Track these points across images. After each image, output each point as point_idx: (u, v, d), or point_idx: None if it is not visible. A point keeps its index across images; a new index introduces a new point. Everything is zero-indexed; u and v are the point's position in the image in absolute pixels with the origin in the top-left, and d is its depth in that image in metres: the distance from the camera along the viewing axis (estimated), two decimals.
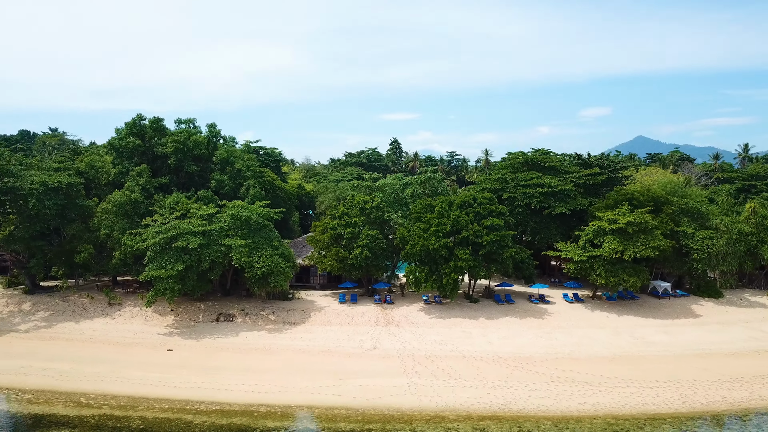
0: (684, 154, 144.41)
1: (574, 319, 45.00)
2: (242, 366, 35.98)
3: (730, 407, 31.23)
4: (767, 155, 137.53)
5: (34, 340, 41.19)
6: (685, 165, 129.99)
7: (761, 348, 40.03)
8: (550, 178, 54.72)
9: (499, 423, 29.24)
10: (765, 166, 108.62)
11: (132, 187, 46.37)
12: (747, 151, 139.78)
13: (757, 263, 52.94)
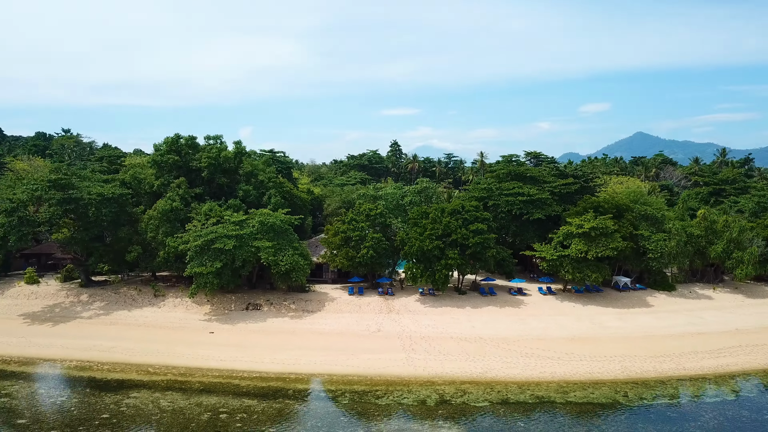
0: (667, 158, 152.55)
1: (545, 308, 53.64)
2: (272, 345, 44.57)
3: (658, 375, 39.84)
4: (743, 159, 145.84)
5: (97, 324, 49.77)
6: (667, 168, 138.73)
7: (696, 331, 48.66)
8: (530, 188, 63.20)
9: (477, 386, 37.80)
10: (735, 171, 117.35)
11: (173, 197, 54.83)
12: (724, 156, 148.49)
13: (705, 261, 61.51)
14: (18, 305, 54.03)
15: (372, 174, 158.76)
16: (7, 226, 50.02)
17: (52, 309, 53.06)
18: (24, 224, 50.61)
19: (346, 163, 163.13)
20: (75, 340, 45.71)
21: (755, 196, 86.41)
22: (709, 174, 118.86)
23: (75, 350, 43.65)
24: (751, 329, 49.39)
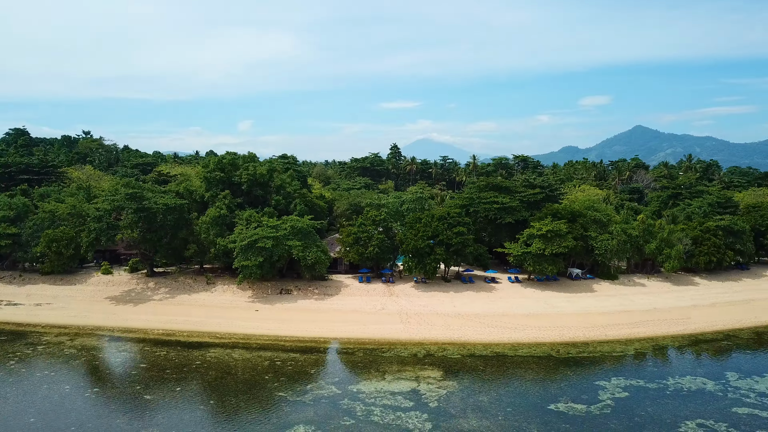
0: (641, 162, 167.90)
1: (511, 293, 68.92)
2: (303, 319, 59.77)
3: (585, 339, 55.07)
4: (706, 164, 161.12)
5: (167, 305, 64.99)
6: (639, 172, 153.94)
7: (623, 310, 63.95)
8: (503, 197, 78.27)
9: (453, 346, 53.02)
10: (692, 176, 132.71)
11: (220, 206, 69.89)
12: (690, 161, 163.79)
13: (643, 256, 76.75)
14: (101, 291, 69.36)
15: (374, 175, 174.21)
16: (98, 229, 65.23)
17: (128, 293, 68.34)
18: (110, 228, 65.82)
19: (350, 165, 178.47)
20: (155, 316, 60.99)
21: (707, 199, 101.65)
22: (669, 179, 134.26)
23: (158, 323, 58.91)
24: (665, 308, 64.74)
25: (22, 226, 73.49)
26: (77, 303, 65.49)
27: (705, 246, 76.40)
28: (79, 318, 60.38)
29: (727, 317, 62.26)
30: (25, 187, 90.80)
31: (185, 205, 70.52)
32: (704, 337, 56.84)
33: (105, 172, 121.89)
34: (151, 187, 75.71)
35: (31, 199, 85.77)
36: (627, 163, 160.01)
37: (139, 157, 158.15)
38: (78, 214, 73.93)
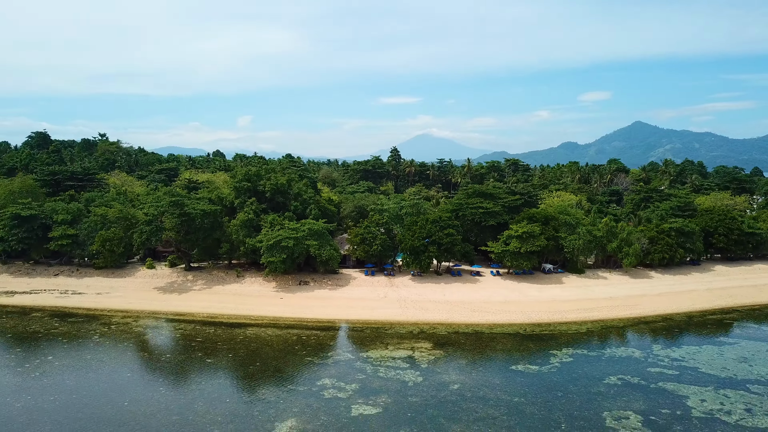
0: (621, 165, 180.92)
1: (492, 284, 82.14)
2: (320, 305, 72.92)
3: (548, 321, 68.27)
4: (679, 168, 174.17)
5: (206, 294, 78.17)
6: (620, 175, 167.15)
7: (584, 298, 77.09)
8: (488, 203, 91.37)
9: (442, 325, 66.23)
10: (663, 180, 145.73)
11: (248, 211, 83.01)
12: (667, 165, 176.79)
13: (606, 253, 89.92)
14: (148, 282, 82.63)
15: (375, 177, 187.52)
16: (149, 231, 78.43)
17: (171, 285, 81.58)
18: (158, 230, 79.03)
19: (353, 168, 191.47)
20: (197, 303, 74.22)
21: (671, 202, 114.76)
22: (645, 182, 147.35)
23: (201, 308, 72.12)
24: (619, 297, 77.93)
25: (78, 228, 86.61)
26: (130, 292, 78.75)
27: (660, 245, 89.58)
28: (136, 304, 73.63)
29: (668, 304, 75.50)
30: (73, 192, 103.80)
31: (218, 210, 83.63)
32: (645, 319, 70.08)
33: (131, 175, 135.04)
34: (187, 194, 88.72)
35: (79, 203, 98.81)
36: (608, 167, 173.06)
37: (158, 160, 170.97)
38: (125, 217, 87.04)
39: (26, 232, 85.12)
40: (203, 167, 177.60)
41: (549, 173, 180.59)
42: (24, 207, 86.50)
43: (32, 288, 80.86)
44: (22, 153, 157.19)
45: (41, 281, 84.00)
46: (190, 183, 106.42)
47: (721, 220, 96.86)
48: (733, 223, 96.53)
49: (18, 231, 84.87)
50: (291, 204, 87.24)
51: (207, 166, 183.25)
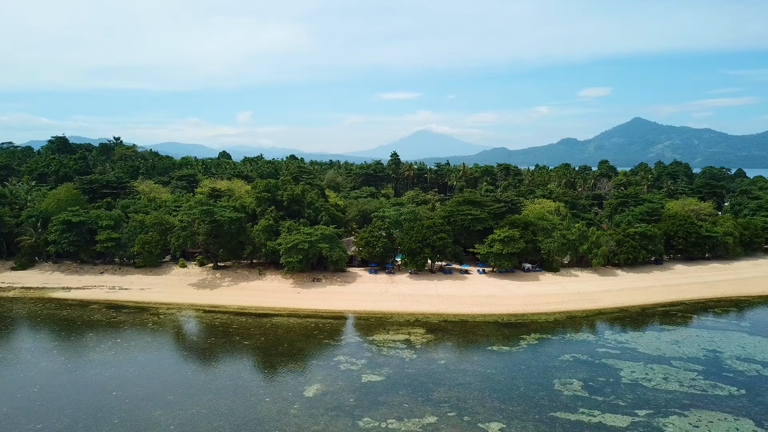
0: (605, 171, 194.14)
1: (478, 281, 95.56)
2: (331, 298, 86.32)
3: (523, 311, 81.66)
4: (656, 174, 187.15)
5: (233, 289, 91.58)
6: (602, 181, 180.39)
7: (556, 293, 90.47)
8: (475, 210, 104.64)
9: (434, 315, 79.65)
10: (636, 188, 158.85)
11: (268, 218, 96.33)
12: (644, 170, 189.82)
13: (578, 254, 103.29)
14: (183, 279, 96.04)
15: (376, 180, 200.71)
16: (184, 236, 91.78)
17: (203, 281, 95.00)
18: (192, 234, 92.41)
19: (356, 171, 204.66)
20: (227, 297, 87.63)
21: (644, 207, 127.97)
22: (625, 187, 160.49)
23: (231, 301, 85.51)
24: (587, 292, 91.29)
25: (120, 232, 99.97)
26: (168, 288, 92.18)
27: (625, 247, 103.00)
28: (176, 298, 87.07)
29: (626, 298, 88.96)
30: (110, 200, 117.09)
31: (243, 217, 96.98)
32: (605, 311, 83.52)
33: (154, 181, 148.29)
34: (213, 202, 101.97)
35: (116, 208, 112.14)
36: (592, 173, 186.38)
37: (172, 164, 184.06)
38: (160, 222, 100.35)
39: (76, 236, 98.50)
40: (217, 173, 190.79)
41: (538, 177, 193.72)
42: (73, 214, 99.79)
43: (83, 284, 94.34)
44: (50, 159, 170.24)
45: (90, 278, 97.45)
46: (213, 191, 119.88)
47: (681, 225, 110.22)
48: (692, 227, 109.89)
49: (69, 235, 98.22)
50: (305, 211, 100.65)
51: (220, 170, 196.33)
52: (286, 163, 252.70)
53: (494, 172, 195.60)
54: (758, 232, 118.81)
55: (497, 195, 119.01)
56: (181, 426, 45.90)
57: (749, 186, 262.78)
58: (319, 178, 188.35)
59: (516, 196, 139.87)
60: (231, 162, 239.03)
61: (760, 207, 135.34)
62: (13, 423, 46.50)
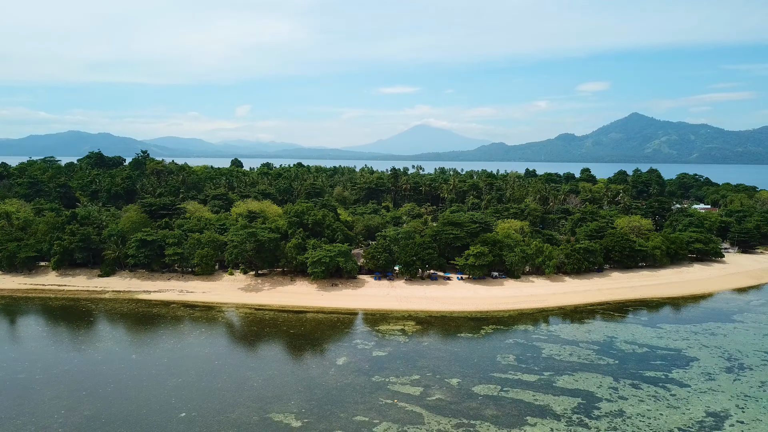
0: (575, 187, 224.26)
1: (457, 286, 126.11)
2: (347, 299, 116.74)
3: (487, 309, 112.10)
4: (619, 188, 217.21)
5: (273, 292, 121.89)
6: (571, 197, 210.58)
7: (514, 295, 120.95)
8: (456, 230, 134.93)
9: (422, 312, 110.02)
10: (591, 206, 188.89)
11: (298, 238, 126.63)
12: (608, 189, 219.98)
13: (535, 264, 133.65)
14: (233, 285, 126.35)
15: (377, 193, 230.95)
16: (236, 252, 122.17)
17: (248, 286, 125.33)
18: (242, 251, 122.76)
19: (360, 185, 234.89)
20: (269, 298, 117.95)
21: (598, 223, 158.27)
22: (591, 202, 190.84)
23: (273, 301, 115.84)
24: (537, 294, 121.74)
25: (182, 247, 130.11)
26: (223, 291, 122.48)
27: (572, 259, 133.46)
28: (232, 299, 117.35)
29: (566, 299, 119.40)
30: (167, 220, 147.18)
31: (278, 237, 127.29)
32: (547, 309, 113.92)
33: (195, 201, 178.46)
34: (249, 223, 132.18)
35: (172, 228, 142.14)
36: (563, 189, 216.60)
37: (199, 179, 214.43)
38: (212, 240, 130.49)
39: (149, 251, 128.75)
40: (238, 186, 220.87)
41: (518, 191, 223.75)
42: (147, 234, 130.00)
43: (158, 288, 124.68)
44: (103, 179, 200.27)
45: (161, 284, 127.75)
46: (250, 213, 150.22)
47: (618, 241, 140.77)
48: (626, 243, 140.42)
49: (144, 250, 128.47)
50: (325, 231, 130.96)
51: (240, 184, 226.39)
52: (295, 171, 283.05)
53: (480, 187, 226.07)
54: (683, 245, 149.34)
55: (474, 216, 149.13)
56: (265, 381, 76.33)
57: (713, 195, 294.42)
58: (328, 192, 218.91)
59: (493, 213, 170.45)
60: (249, 174, 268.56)
61: (690, 223, 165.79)
62: (159, 379, 76.82)
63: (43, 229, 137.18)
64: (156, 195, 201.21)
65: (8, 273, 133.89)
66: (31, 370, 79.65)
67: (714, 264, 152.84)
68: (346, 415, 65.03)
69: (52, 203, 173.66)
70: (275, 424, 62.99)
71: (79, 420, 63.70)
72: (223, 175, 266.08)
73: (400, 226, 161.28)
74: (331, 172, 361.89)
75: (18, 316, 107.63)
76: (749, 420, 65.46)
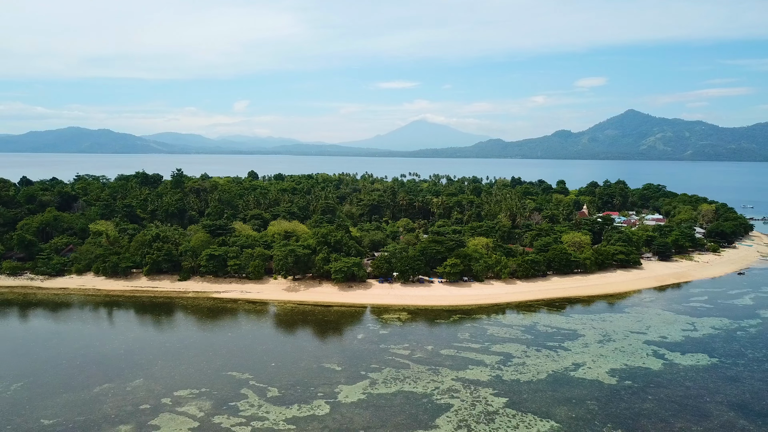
0: (538, 206, 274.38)
1: (437, 287, 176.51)
2: (359, 297, 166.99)
3: (457, 304, 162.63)
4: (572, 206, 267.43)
5: (307, 292, 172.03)
6: (534, 214, 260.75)
7: (476, 294, 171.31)
8: (438, 246, 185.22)
9: (412, 306, 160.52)
10: (546, 224, 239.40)
11: (324, 253, 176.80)
12: (567, 206, 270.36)
13: (495, 271, 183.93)
14: (278, 287, 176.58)
15: (379, 209, 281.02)
16: (282, 264, 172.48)
17: (289, 288, 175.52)
18: (286, 263, 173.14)
19: (365, 203, 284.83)
20: (306, 296, 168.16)
21: (544, 240, 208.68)
22: (551, 220, 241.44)
23: (309, 299, 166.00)
24: (494, 293, 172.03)
25: (240, 259, 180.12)
26: (272, 292, 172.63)
27: (522, 267, 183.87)
28: (279, 297, 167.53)
29: (513, 297, 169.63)
30: (224, 238, 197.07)
31: (309, 252, 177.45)
32: (499, 304, 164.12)
33: (240, 221, 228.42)
34: (291, 244, 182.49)
35: (229, 244, 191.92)
36: (529, 208, 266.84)
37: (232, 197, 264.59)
38: (262, 254, 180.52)
39: (216, 262, 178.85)
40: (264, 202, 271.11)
41: (494, 207, 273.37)
42: (214, 250, 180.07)
43: (224, 290, 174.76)
44: (161, 200, 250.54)
45: (224, 286, 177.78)
46: (285, 233, 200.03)
47: (557, 254, 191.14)
48: (564, 255, 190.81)
49: (212, 261, 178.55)
50: (343, 248, 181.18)
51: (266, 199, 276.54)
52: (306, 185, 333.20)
53: (463, 204, 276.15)
54: (609, 256, 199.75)
55: (452, 236, 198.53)
56: (316, 347, 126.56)
57: (666, 206, 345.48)
58: (339, 208, 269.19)
59: (470, 230, 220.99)
60: (270, 190, 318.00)
61: (619, 239, 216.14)
62: (251, 346, 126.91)
63: (134, 245, 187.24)
64: (201, 212, 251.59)
65: (111, 278, 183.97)
66: (184, 340, 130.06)
67: (633, 270, 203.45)
68: (366, 365, 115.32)
69: (124, 222, 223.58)
70: (327, 368, 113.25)
71: (215, 368, 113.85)
72: (246, 189, 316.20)
73: (397, 239, 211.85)
74: (336, 182, 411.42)
75: (136, 310, 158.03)
76: (595, 367, 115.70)
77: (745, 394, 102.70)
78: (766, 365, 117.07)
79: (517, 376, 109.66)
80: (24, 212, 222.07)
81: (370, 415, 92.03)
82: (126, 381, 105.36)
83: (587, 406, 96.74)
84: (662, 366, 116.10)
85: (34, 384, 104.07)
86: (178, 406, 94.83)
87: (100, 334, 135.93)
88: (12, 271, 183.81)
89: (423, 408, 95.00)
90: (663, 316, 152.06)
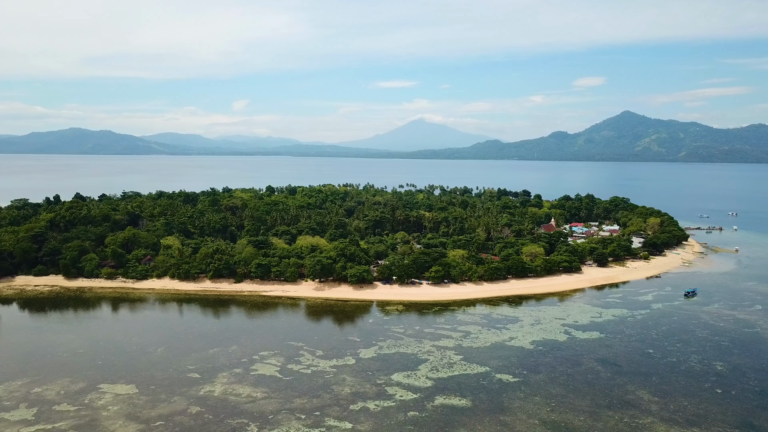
0: (508, 222, 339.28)
1: (424, 287, 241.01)
2: (368, 294, 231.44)
3: (437, 299, 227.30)
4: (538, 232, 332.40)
5: (330, 291, 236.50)
6: (504, 229, 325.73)
7: (451, 292, 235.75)
8: (426, 257, 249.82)
9: (407, 301, 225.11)
10: (513, 238, 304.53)
11: (342, 262, 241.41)
12: (532, 220, 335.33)
13: (467, 275, 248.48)
14: (309, 287, 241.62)
15: (381, 224, 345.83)
16: (314, 270, 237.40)
17: (318, 288, 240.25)
18: (315, 270, 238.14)
19: (369, 218, 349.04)
20: (331, 294, 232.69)
21: (506, 251, 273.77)
22: (517, 235, 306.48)
23: (333, 296, 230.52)
24: (466, 292, 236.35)
25: (280, 266, 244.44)
26: (305, 291, 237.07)
27: (488, 273, 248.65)
28: (311, 294, 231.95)
29: (481, 295, 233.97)
30: (267, 250, 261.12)
31: (331, 261, 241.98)
32: (468, 300, 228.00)
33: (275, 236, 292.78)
34: (316, 255, 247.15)
35: (270, 255, 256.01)
36: (501, 223, 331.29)
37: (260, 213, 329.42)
38: (296, 263, 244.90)
39: (263, 269, 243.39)
40: (287, 217, 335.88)
41: (474, 221, 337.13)
42: (261, 259, 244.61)
43: (270, 290, 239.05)
44: (205, 218, 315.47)
45: (269, 287, 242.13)
46: (312, 246, 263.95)
47: (515, 263, 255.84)
48: (520, 263, 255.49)
49: (259, 268, 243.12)
50: (355, 257, 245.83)
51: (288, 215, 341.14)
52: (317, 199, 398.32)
53: (450, 221, 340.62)
54: (555, 264, 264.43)
55: (437, 249, 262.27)
56: (341, 329, 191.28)
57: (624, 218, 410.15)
58: (348, 223, 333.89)
59: (452, 242, 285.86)
60: (290, 206, 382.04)
61: (567, 250, 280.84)
62: (298, 327, 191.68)
63: (200, 257, 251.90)
64: (238, 227, 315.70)
65: (183, 281, 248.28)
66: (253, 323, 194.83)
67: (574, 274, 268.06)
68: (375, 338, 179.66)
69: (181, 236, 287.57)
70: (350, 340, 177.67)
71: (279, 339, 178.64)
72: (268, 205, 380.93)
73: (396, 250, 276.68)
74: (342, 194, 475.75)
75: (210, 304, 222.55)
76: (522, 339, 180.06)
77: (610, 354, 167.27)
78: (634, 339, 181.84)
79: (471, 344, 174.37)
80: (106, 230, 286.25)
81: (379, 364, 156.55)
82: (227, 346, 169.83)
83: (510, 359, 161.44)
84: (566, 338, 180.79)
85: (171, 348, 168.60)
86: (264, 360, 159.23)
87: (194, 319, 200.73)
88: (109, 276, 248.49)
89: (411, 360, 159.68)
90: (582, 308, 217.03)
